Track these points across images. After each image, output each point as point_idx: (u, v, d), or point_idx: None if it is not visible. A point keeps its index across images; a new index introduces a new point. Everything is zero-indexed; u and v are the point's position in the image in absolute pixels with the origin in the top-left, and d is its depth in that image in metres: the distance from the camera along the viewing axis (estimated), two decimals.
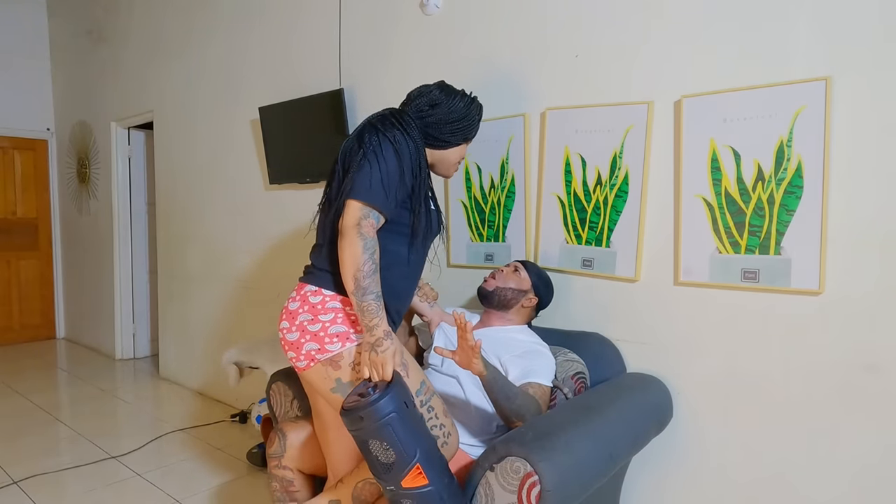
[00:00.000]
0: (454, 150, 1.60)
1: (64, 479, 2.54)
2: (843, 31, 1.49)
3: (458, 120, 1.55)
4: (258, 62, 3.21)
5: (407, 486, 1.25)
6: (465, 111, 1.56)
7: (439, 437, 1.42)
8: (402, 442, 1.24)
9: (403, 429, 1.25)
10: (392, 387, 1.27)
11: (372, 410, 1.24)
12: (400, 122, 1.47)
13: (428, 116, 1.52)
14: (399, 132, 1.45)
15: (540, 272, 1.87)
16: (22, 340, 5.28)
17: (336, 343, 1.38)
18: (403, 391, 1.30)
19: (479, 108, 1.61)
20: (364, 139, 1.43)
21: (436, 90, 1.55)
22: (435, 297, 1.89)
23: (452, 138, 1.57)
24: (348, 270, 1.33)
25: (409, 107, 1.55)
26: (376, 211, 1.38)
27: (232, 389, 3.48)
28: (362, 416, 1.25)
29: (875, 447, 1.50)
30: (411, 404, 1.29)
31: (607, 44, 1.90)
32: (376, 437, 1.25)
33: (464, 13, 2.27)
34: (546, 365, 1.66)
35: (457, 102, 1.55)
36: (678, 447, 1.81)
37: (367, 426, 1.25)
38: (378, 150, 1.40)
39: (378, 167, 1.38)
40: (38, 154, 5.30)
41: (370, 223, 1.36)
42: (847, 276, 1.51)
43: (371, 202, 1.37)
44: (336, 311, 1.40)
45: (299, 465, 1.65)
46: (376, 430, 1.24)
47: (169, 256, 4.09)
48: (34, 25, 5.20)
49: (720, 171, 1.69)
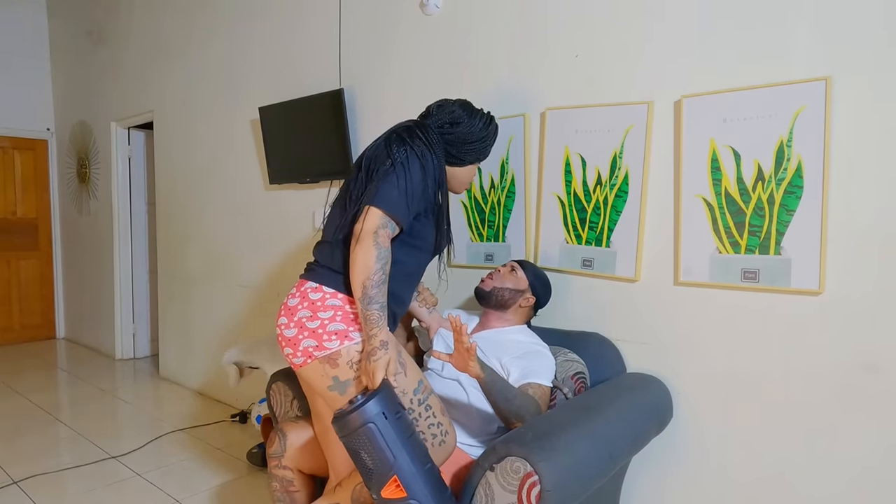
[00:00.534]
0: (467, 168, 1.64)
1: (64, 479, 2.54)
2: (844, 31, 1.49)
3: (476, 140, 1.58)
4: (258, 62, 3.21)
5: (386, 497, 1.26)
6: (483, 133, 1.59)
7: (437, 436, 1.43)
8: (379, 452, 1.25)
9: (382, 439, 1.25)
10: (374, 396, 1.27)
11: (350, 419, 1.26)
12: (426, 137, 1.50)
13: (448, 134, 1.55)
14: (426, 148, 1.48)
15: (537, 271, 1.87)
16: (22, 340, 5.28)
17: (335, 341, 1.38)
18: (387, 401, 1.29)
19: (496, 130, 1.65)
20: (392, 150, 1.46)
21: (458, 108, 1.57)
22: (434, 302, 1.89)
23: (467, 157, 1.60)
24: (358, 277, 1.35)
25: (429, 120, 1.57)
26: (394, 222, 1.41)
27: (232, 389, 3.48)
28: (342, 424, 1.27)
29: (875, 447, 1.50)
30: (394, 415, 1.28)
31: (607, 44, 1.90)
32: (355, 444, 1.27)
33: (464, 13, 2.27)
34: (546, 365, 1.66)
35: (476, 123, 1.58)
36: (678, 447, 1.81)
37: (347, 433, 1.27)
38: (406, 162, 1.43)
39: (405, 180, 1.41)
40: (38, 154, 5.30)
41: (387, 233, 1.38)
42: (847, 276, 1.51)
43: (392, 212, 1.39)
44: (336, 308, 1.41)
45: (299, 465, 1.65)
46: (355, 438, 1.26)
47: (169, 256, 4.09)
48: (34, 26, 5.20)
49: (720, 171, 1.69)
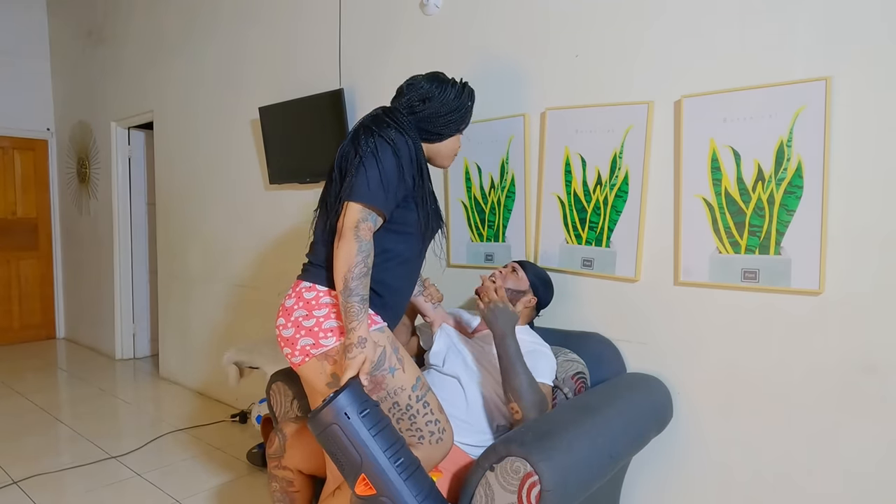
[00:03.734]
0: (449, 141, 1.58)
1: (64, 479, 2.54)
2: (844, 31, 1.49)
3: (451, 112, 1.53)
4: (258, 62, 3.21)
5: (359, 494, 1.27)
6: (457, 102, 1.53)
7: (434, 433, 1.43)
8: (346, 450, 1.26)
9: (345, 438, 1.26)
10: (339, 395, 1.27)
11: (317, 420, 1.27)
12: (395, 121, 1.46)
13: (421, 111, 1.50)
14: (395, 130, 1.43)
15: (538, 271, 1.86)
16: (22, 340, 5.28)
17: (331, 338, 1.38)
18: (352, 400, 1.28)
19: (471, 95, 1.58)
20: (360, 142, 1.42)
21: (427, 84, 1.52)
22: (440, 298, 1.89)
23: (446, 130, 1.55)
24: (340, 270, 1.34)
25: (400, 102, 1.53)
26: (375, 213, 1.39)
27: (232, 389, 3.48)
28: (313, 424, 1.28)
29: (875, 447, 1.49)
30: (359, 413, 1.27)
31: (607, 44, 1.90)
32: (325, 443, 1.28)
33: (464, 13, 2.27)
34: (547, 364, 1.67)
35: (448, 94, 1.52)
36: (678, 447, 1.81)
37: (318, 433, 1.28)
38: (375, 151, 1.40)
39: (376, 168, 1.38)
40: (38, 154, 5.30)
41: (368, 226, 1.37)
42: (847, 276, 1.51)
43: (370, 203, 1.37)
44: (330, 306, 1.41)
45: (299, 465, 1.65)
46: (324, 438, 1.28)
47: (169, 256, 4.09)
48: (34, 26, 5.20)
49: (720, 171, 1.69)
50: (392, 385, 1.40)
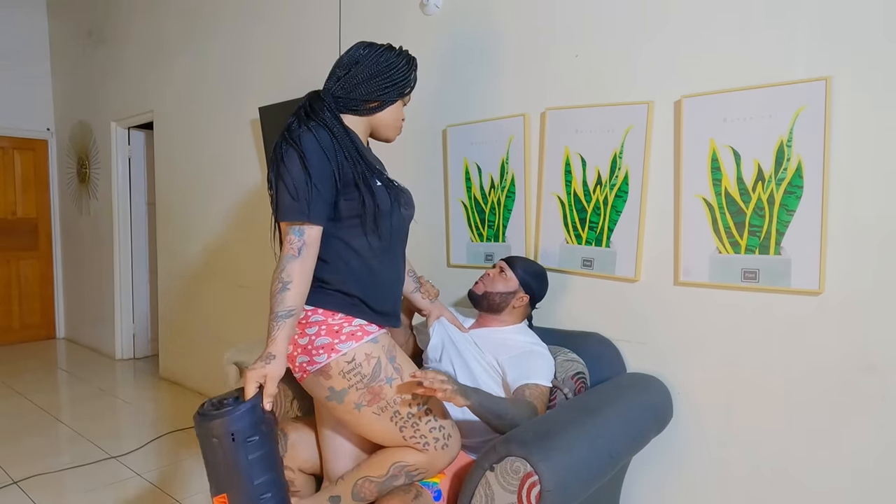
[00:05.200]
0: (390, 110, 1.50)
1: (64, 479, 2.54)
2: (844, 31, 1.49)
3: (383, 72, 1.45)
4: (258, 62, 3.21)
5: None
6: (388, 60, 1.45)
7: (439, 440, 1.42)
8: (215, 467, 1.25)
9: (222, 455, 1.23)
10: (233, 412, 1.24)
11: (201, 424, 1.26)
12: (306, 114, 1.41)
13: (350, 79, 1.44)
14: (303, 129, 1.37)
15: (527, 266, 1.81)
16: (22, 340, 5.28)
17: (322, 355, 1.38)
18: (244, 425, 1.24)
19: (407, 57, 1.49)
20: (275, 152, 1.39)
21: (355, 49, 1.46)
22: (436, 294, 1.89)
23: (384, 96, 1.46)
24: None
25: (328, 83, 1.48)
26: (299, 224, 1.34)
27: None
28: (196, 422, 1.27)
29: (875, 446, 1.50)
30: (245, 440, 1.23)
31: (607, 44, 1.90)
32: (201, 446, 1.27)
33: (464, 13, 2.27)
34: (544, 365, 1.66)
35: (381, 54, 1.45)
36: (678, 447, 1.81)
37: (198, 434, 1.28)
38: (281, 162, 1.35)
39: (284, 181, 1.34)
40: (38, 154, 5.30)
41: (292, 239, 1.33)
42: (847, 276, 1.51)
43: (291, 219, 1.33)
44: (319, 323, 1.40)
45: (300, 464, 1.65)
46: (201, 442, 1.27)
47: (169, 256, 4.09)
48: (34, 26, 5.20)
49: (720, 171, 1.69)
50: (391, 395, 1.40)
